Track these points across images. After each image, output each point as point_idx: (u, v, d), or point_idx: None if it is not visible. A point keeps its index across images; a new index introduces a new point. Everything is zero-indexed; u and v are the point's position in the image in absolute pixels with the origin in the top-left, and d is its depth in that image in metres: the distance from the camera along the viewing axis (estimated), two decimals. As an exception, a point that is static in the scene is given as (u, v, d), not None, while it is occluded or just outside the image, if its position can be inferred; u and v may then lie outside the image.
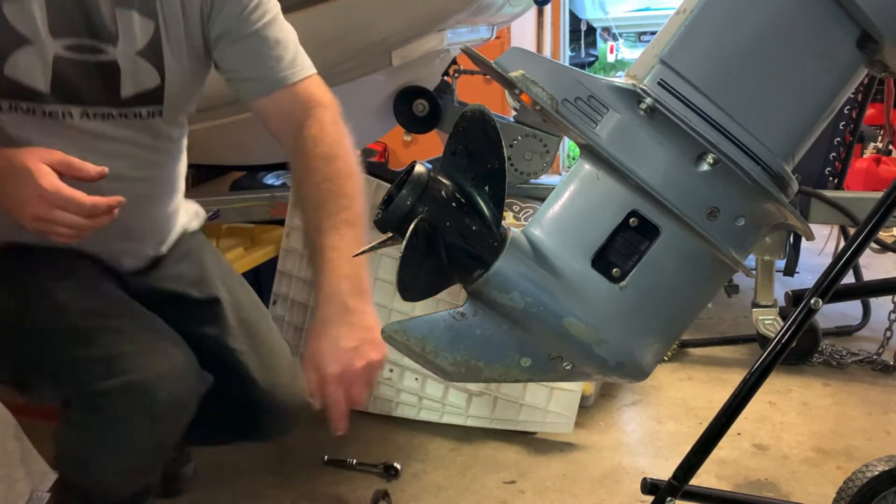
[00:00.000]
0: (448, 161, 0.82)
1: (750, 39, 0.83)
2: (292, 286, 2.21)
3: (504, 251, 0.80)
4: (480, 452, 1.95)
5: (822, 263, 1.58)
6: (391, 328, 0.83)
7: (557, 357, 0.84)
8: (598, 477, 1.83)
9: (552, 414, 1.99)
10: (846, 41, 0.84)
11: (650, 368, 0.87)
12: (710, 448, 1.25)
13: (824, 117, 0.88)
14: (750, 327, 2.31)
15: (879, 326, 2.46)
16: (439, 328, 0.83)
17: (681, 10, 0.85)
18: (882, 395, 2.21)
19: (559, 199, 0.86)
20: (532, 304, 0.80)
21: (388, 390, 2.11)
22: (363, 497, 1.74)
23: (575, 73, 0.82)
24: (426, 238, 0.77)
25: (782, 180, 0.85)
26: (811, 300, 1.22)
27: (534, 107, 0.84)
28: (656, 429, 2.07)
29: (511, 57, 0.82)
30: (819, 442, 1.97)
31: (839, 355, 2.42)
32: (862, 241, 1.21)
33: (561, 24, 5.03)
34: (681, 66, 0.83)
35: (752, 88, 0.83)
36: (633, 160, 0.81)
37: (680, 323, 0.90)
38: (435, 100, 2.51)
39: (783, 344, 1.22)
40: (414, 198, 0.78)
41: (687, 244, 0.83)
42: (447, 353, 0.83)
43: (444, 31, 2.33)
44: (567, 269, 0.82)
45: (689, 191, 0.82)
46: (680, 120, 0.81)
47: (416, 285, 0.79)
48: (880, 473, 1.36)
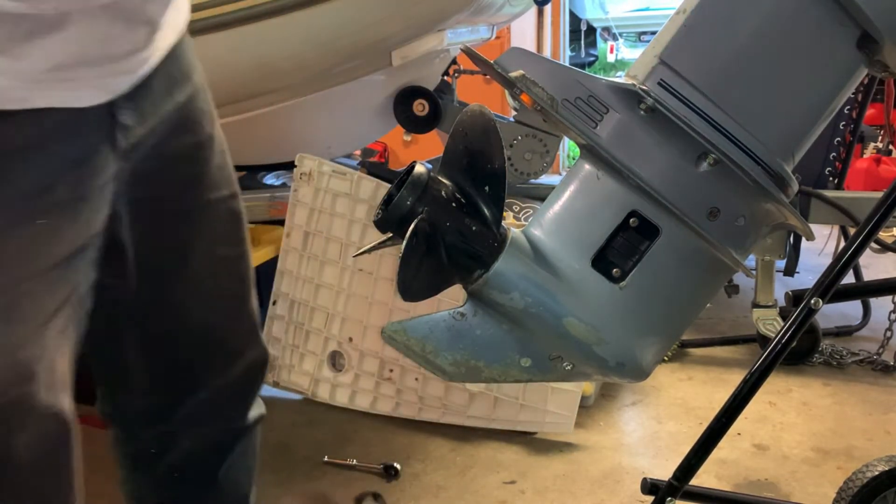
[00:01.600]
0: (448, 161, 0.82)
1: (750, 40, 0.83)
2: (292, 286, 2.21)
3: (504, 251, 0.80)
4: (480, 452, 1.95)
5: (822, 263, 1.58)
6: (391, 328, 0.83)
7: (557, 357, 0.84)
8: (598, 477, 1.83)
9: (552, 414, 1.99)
10: (846, 41, 0.84)
11: (650, 368, 0.87)
12: (710, 448, 1.25)
13: (824, 117, 0.88)
14: (750, 327, 2.32)
15: (879, 326, 2.46)
16: (439, 328, 0.83)
17: (681, 10, 0.85)
18: (882, 395, 2.21)
19: (559, 199, 0.86)
20: (532, 304, 0.80)
21: (389, 390, 2.11)
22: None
23: (575, 73, 0.82)
24: (426, 238, 0.77)
25: (782, 180, 0.85)
26: (811, 300, 1.22)
27: (534, 107, 0.84)
28: (656, 429, 2.07)
29: (511, 57, 0.82)
30: (819, 442, 1.97)
31: (839, 355, 2.42)
32: (862, 241, 1.21)
33: (561, 24, 5.03)
34: (681, 66, 0.83)
35: (752, 88, 0.83)
36: (633, 160, 0.81)
37: (680, 323, 0.90)
38: (435, 100, 2.51)
39: (783, 344, 1.22)
40: (414, 198, 0.78)
41: (687, 244, 0.83)
42: (447, 353, 0.83)
43: (444, 31, 2.33)
44: (567, 270, 0.82)
45: (689, 191, 0.82)
46: (680, 120, 0.81)
47: (416, 285, 0.79)
48: (880, 473, 1.36)
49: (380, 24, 2.19)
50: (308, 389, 2.21)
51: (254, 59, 2.17)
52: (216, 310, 1.11)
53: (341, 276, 2.15)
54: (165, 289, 1.06)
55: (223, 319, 1.12)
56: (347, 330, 2.15)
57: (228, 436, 1.16)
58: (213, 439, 1.15)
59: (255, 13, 2.12)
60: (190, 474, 1.14)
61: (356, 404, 2.16)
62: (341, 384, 2.18)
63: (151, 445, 1.13)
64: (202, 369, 1.12)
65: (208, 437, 1.14)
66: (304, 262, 2.20)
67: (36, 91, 0.80)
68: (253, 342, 1.15)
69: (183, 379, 1.11)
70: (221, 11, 2.11)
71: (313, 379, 2.20)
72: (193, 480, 1.15)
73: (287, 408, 2.22)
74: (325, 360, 2.19)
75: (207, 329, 1.10)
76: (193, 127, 1.02)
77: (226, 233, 1.09)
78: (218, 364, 1.12)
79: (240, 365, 1.13)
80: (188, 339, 1.09)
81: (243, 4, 2.11)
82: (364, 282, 2.13)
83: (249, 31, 2.13)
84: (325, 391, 2.20)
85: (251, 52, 2.16)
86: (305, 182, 2.19)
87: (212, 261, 1.08)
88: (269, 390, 2.27)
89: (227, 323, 1.13)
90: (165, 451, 1.13)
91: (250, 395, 1.18)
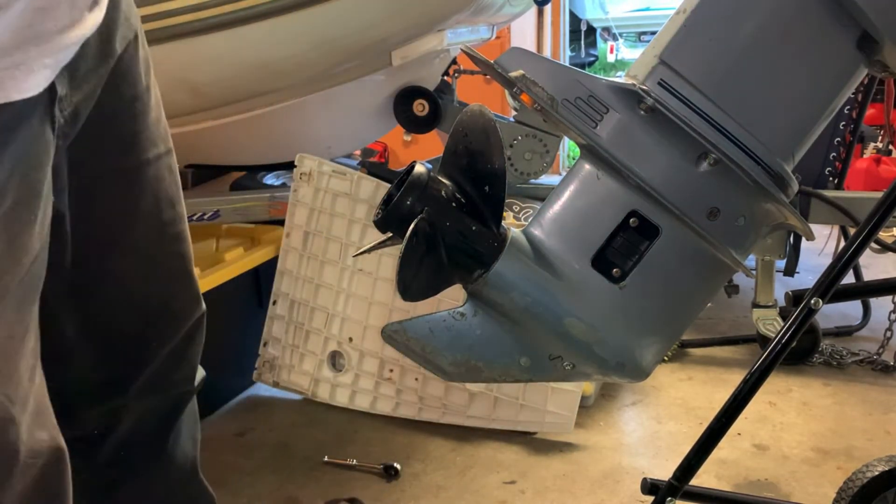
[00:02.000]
0: (448, 161, 0.82)
1: (750, 40, 0.83)
2: (292, 286, 2.21)
3: (504, 251, 0.80)
4: (480, 452, 1.95)
5: (822, 263, 1.58)
6: (391, 328, 0.83)
7: (557, 357, 0.84)
8: (598, 477, 1.83)
9: (552, 414, 1.99)
10: (846, 41, 0.84)
11: (650, 368, 0.87)
12: (710, 448, 1.25)
13: (824, 117, 0.88)
14: (750, 327, 2.31)
15: (879, 326, 2.46)
16: (439, 328, 0.83)
17: (681, 10, 0.85)
18: (882, 395, 2.21)
19: (559, 199, 0.86)
20: (532, 304, 0.80)
21: (389, 390, 2.11)
22: (363, 497, 1.74)
23: (575, 73, 0.82)
24: (426, 238, 0.77)
25: (782, 180, 0.85)
26: (811, 300, 1.22)
27: (534, 107, 0.84)
28: (656, 429, 2.07)
29: (511, 57, 0.82)
30: (819, 442, 1.97)
31: (839, 355, 2.42)
32: (862, 241, 1.21)
33: (561, 24, 5.03)
34: (681, 66, 0.83)
35: (752, 88, 0.83)
36: (633, 160, 0.81)
37: (680, 323, 0.90)
38: (435, 100, 2.51)
39: (783, 344, 1.22)
40: (414, 198, 0.78)
41: (687, 244, 0.83)
42: (447, 353, 0.83)
43: (444, 31, 2.33)
44: (567, 269, 0.82)
45: (689, 191, 0.82)
46: (680, 120, 0.81)
47: (416, 285, 0.79)
48: (880, 473, 1.36)
49: (380, 24, 2.19)
50: (308, 389, 2.21)
51: (254, 59, 2.17)
52: (162, 276, 1.04)
53: (341, 276, 2.15)
54: (108, 259, 0.98)
55: (169, 285, 1.05)
56: (347, 330, 2.15)
57: (175, 403, 1.11)
58: (160, 409, 1.09)
59: (255, 13, 2.12)
60: (137, 449, 1.09)
61: (356, 404, 2.16)
62: (341, 384, 2.17)
63: (94, 426, 1.06)
64: (151, 339, 1.05)
65: (156, 407, 1.09)
66: (304, 262, 2.20)
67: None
68: (196, 304, 1.10)
69: (131, 352, 1.05)
70: (221, 11, 2.11)
71: (313, 379, 2.20)
72: (141, 454, 1.10)
73: (287, 408, 2.22)
74: (325, 360, 2.19)
75: (154, 297, 1.04)
76: (131, 79, 0.92)
77: (167, 193, 1.01)
78: (167, 332, 1.06)
79: (184, 329, 1.07)
80: (134, 309, 1.02)
81: (243, 4, 2.11)
82: (364, 282, 2.13)
83: (249, 31, 2.13)
84: (325, 391, 2.20)
85: (251, 52, 2.16)
86: (305, 182, 2.19)
87: (155, 225, 1.01)
88: (269, 390, 2.27)
89: (172, 289, 1.06)
90: (110, 429, 1.07)
91: (195, 357, 1.12)
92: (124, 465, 1.09)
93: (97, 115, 0.86)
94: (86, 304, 0.99)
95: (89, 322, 1.01)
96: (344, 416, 2.14)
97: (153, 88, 0.97)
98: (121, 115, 0.92)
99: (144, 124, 0.95)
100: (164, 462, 1.12)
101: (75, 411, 1.04)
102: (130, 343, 1.05)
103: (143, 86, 0.94)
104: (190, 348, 1.11)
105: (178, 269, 1.07)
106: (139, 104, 0.94)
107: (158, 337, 1.06)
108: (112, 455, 1.08)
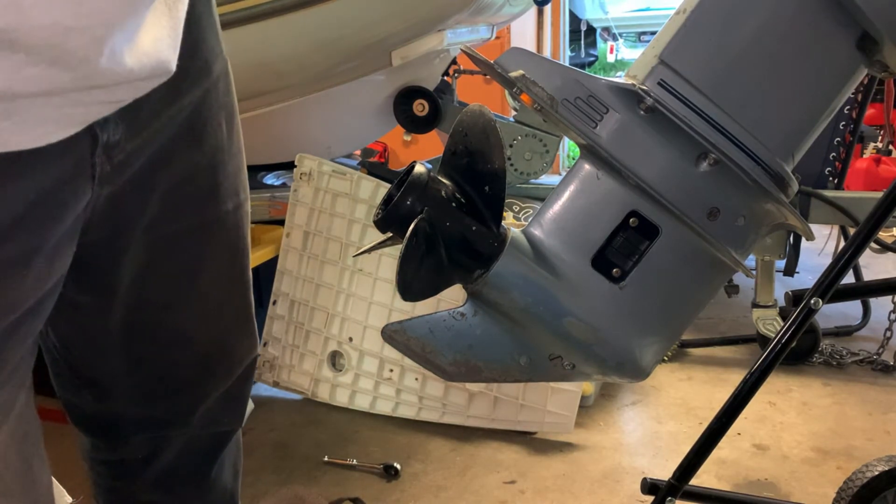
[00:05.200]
0: (448, 161, 0.82)
1: (750, 39, 0.83)
2: (292, 286, 2.21)
3: (504, 251, 0.80)
4: (480, 452, 1.95)
5: (822, 263, 1.58)
6: (391, 328, 0.83)
7: (557, 357, 0.84)
8: (598, 477, 1.83)
9: (552, 414, 1.99)
10: (846, 41, 0.84)
11: (650, 368, 0.87)
12: (710, 448, 1.25)
13: (824, 117, 0.88)
14: (750, 327, 2.32)
15: (879, 326, 2.46)
16: (439, 328, 0.83)
17: (681, 10, 0.85)
18: (882, 395, 2.21)
19: (559, 199, 0.86)
20: (532, 304, 0.80)
21: (389, 390, 2.11)
22: (364, 497, 1.74)
23: (575, 73, 0.82)
24: (426, 238, 0.77)
25: (782, 180, 0.85)
26: (811, 300, 1.22)
27: (534, 107, 0.84)
28: (656, 429, 2.07)
29: (511, 57, 0.82)
30: (819, 442, 1.97)
31: (839, 355, 2.42)
32: (862, 241, 1.21)
33: (561, 24, 5.04)
34: (681, 66, 0.83)
35: (751, 88, 0.83)
36: (633, 160, 0.81)
37: (680, 323, 0.90)
38: (435, 100, 2.51)
39: (783, 344, 1.22)
40: (414, 198, 0.78)
41: (687, 244, 0.83)
42: (447, 353, 0.83)
43: (444, 31, 2.33)
44: (567, 269, 0.82)
45: (689, 191, 0.82)
46: (680, 120, 0.81)
47: (416, 285, 0.79)
48: (880, 473, 1.36)
49: (380, 24, 2.19)
50: (308, 389, 2.21)
51: (254, 59, 2.17)
52: (222, 324, 1.01)
53: (341, 276, 2.15)
54: (171, 308, 0.93)
55: (229, 331, 1.02)
56: (347, 330, 2.15)
57: (222, 438, 1.12)
58: (207, 442, 1.10)
59: (255, 13, 2.12)
60: (181, 477, 1.09)
61: (356, 404, 2.16)
62: (341, 384, 2.18)
63: (141, 451, 1.05)
64: (206, 382, 1.03)
65: (203, 441, 1.09)
66: (303, 262, 2.20)
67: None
68: (253, 346, 1.07)
69: (184, 393, 1.02)
70: (221, 11, 2.10)
71: (313, 379, 2.20)
72: (185, 480, 1.10)
73: (287, 408, 2.22)
74: (325, 360, 2.19)
75: (214, 344, 1.01)
76: (208, 132, 0.86)
77: (242, 243, 0.97)
78: (221, 374, 1.04)
79: (238, 370, 1.06)
80: (191, 354, 0.99)
81: (243, 4, 2.12)
82: (364, 282, 2.13)
83: (249, 31, 2.14)
84: (325, 391, 2.20)
85: (251, 52, 2.16)
86: (305, 182, 2.19)
87: (221, 276, 0.96)
88: (269, 390, 2.27)
89: (233, 334, 1.03)
90: (155, 455, 1.05)
91: (246, 397, 1.12)
92: (166, 490, 1.09)
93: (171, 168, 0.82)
94: (139, 345, 0.95)
95: (142, 364, 0.97)
96: (344, 416, 2.14)
97: (236, 136, 0.92)
98: (192, 174, 0.86)
99: (220, 179, 0.90)
100: (204, 491, 1.12)
101: (122, 436, 1.04)
102: (184, 385, 1.02)
103: (223, 137, 0.89)
104: (243, 389, 1.09)
105: (242, 315, 1.03)
106: (219, 156, 0.89)
107: (213, 380, 1.04)
108: (155, 480, 1.07)
